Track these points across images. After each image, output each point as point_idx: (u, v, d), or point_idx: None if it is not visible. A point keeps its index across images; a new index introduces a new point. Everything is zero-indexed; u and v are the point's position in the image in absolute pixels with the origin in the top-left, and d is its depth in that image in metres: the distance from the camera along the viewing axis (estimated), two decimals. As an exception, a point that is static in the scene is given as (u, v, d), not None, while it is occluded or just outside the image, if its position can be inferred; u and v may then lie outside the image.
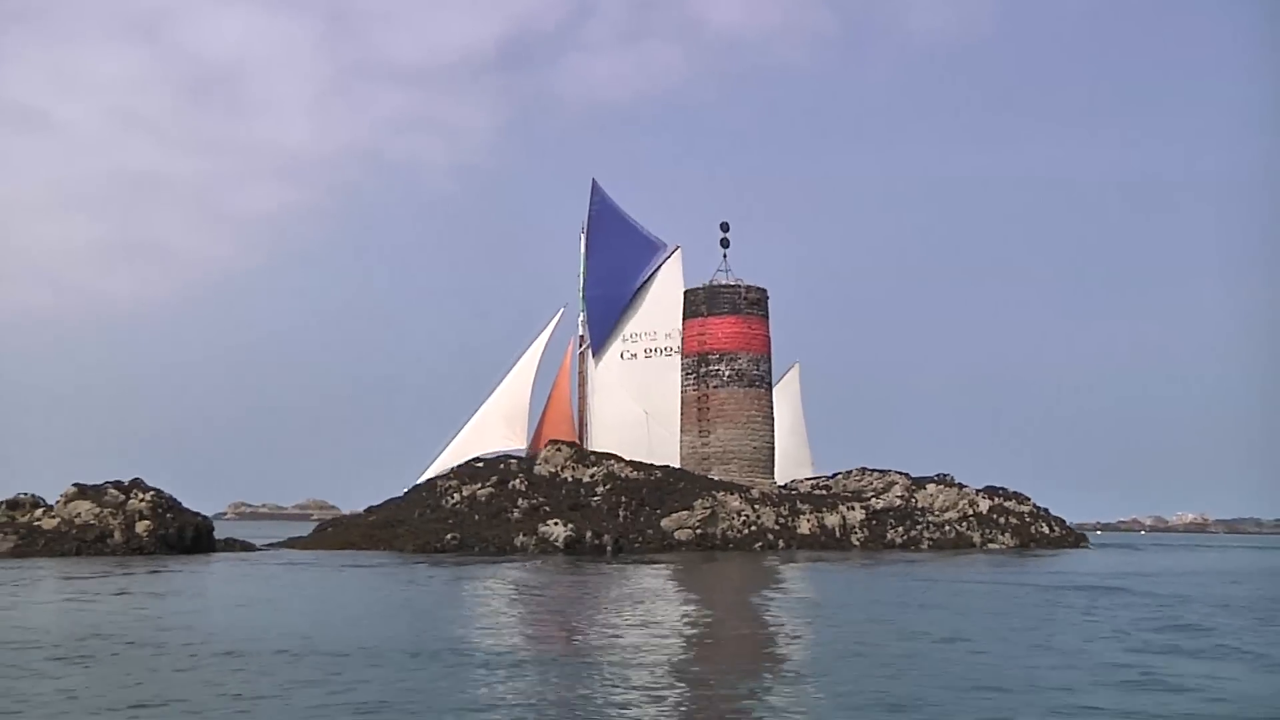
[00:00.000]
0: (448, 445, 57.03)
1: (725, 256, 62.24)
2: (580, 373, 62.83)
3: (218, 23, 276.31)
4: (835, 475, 62.85)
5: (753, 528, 53.97)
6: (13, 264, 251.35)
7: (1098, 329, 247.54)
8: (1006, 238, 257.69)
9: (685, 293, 61.97)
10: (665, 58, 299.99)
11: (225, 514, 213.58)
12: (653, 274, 63.28)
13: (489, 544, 44.96)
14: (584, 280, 62.91)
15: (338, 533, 48.07)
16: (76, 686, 11.51)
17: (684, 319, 61.63)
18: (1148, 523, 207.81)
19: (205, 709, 10.33)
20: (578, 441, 58.79)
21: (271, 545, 45.70)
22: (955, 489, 62.12)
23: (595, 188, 62.75)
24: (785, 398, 74.52)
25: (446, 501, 50.13)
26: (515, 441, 57.74)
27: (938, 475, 63.71)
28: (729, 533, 53.04)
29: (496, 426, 57.59)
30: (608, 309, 62.66)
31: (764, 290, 61.39)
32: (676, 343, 61.62)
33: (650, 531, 51.14)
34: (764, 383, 60.44)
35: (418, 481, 54.42)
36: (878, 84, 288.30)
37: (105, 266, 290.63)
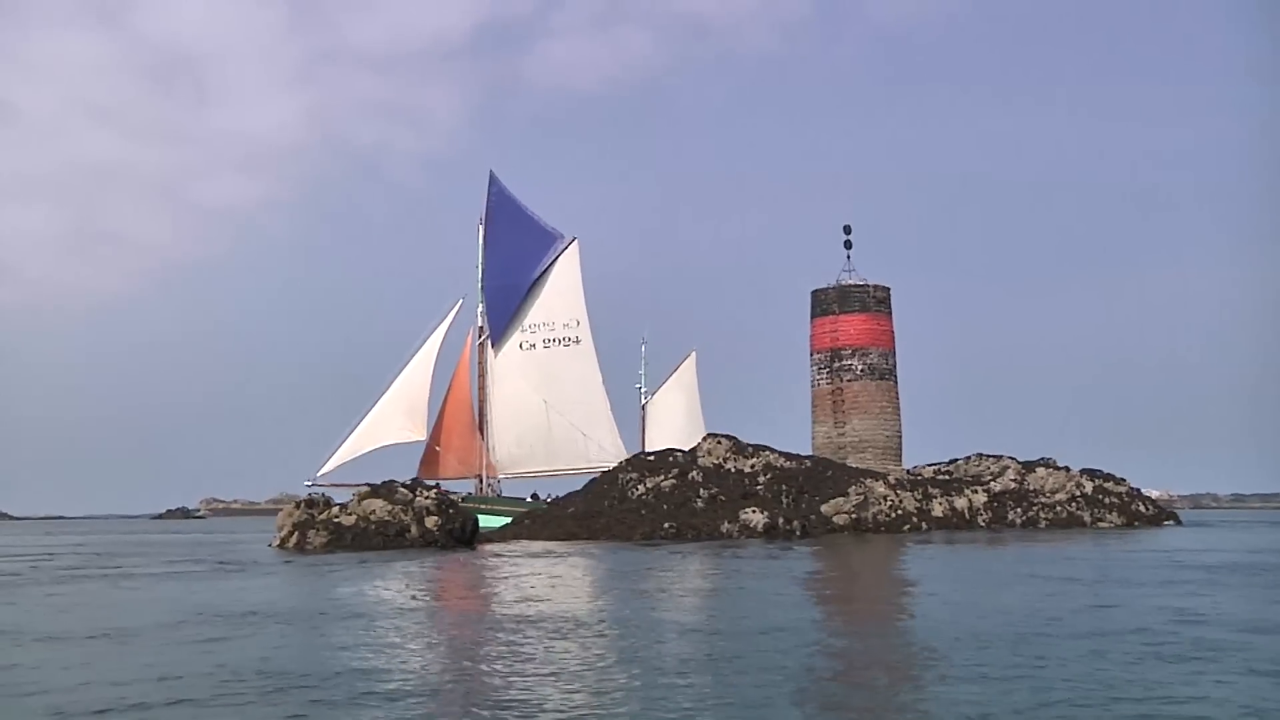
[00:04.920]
0: (347, 437, 56.31)
1: (849, 257, 66.47)
2: (480, 363, 62.04)
3: (180, 8, 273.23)
4: (955, 460, 67.10)
5: (898, 512, 58.14)
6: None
7: (1066, 313, 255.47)
8: (987, 232, 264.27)
9: (814, 292, 65.92)
10: (637, 43, 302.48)
11: (198, 510, 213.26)
12: (550, 264, 62.81)
13: (699, 531, 48.63)
14: (482, 271, 62.30)
15: (548, 524, 51.14)
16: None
17: (812, 317, 65.53)
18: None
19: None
20: (478, 432, 60.03)
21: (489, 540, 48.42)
22: (1063, 472, 66.70)
23: (492, 179, 62.66)
24: (681, 386, 76.63)
25: (631, 493, 53.63)
26: (415, 433, 57.41)
27: (1041, 459, 68.31)
28: (879, 516, 57.13)
29: (396, 418, 57.05)
30: (506, 299, 62.08)
31: (888, 289, 65.55)
32: (575, 333, 61.91)
33: (813, 517, 55.03)
34: (892, 375, 64.62)
35: (320, 473, 54.28)
36: (850, 68, 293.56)
37: (65, 257, 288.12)
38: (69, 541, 65.11)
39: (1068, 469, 67.31)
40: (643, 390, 77.97)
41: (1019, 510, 62.90)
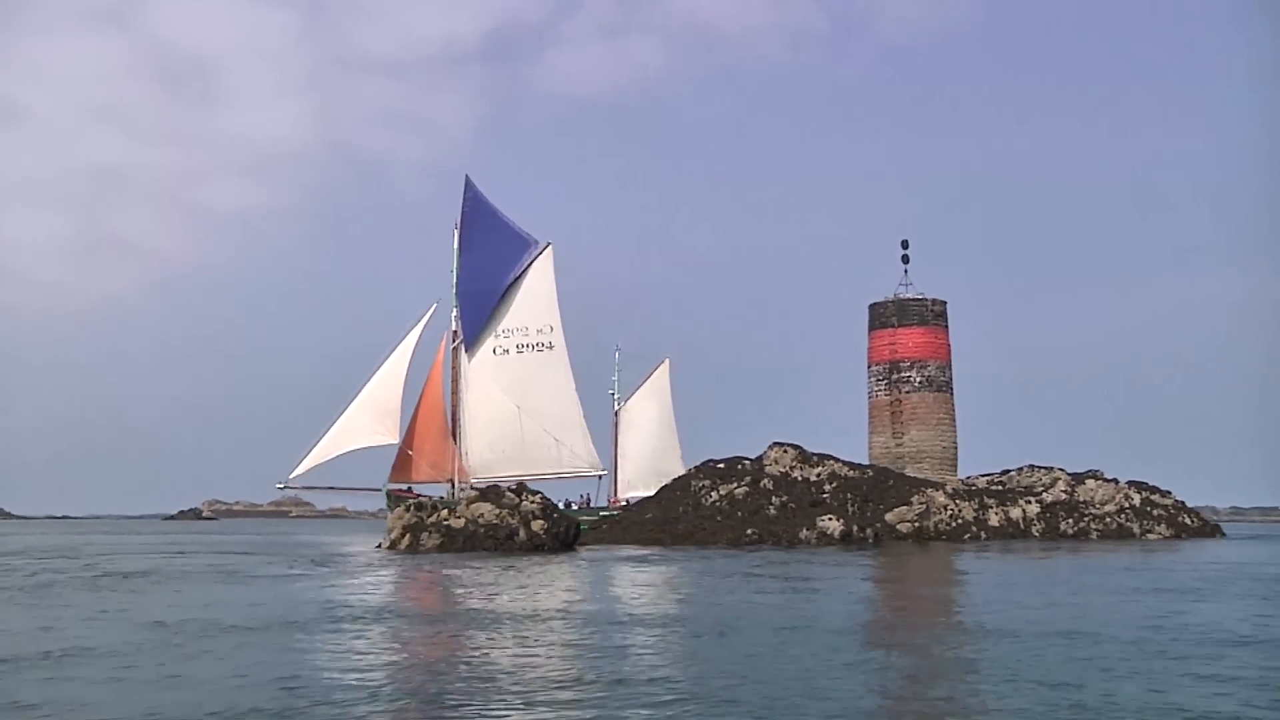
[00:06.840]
0: (320, 440, 56.72)
1: (906, 271, 67.99)
2: (453, 368, 62.00)
3: (192, 13, 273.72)
4: (1007, 471, 68.46)
5: (958, 521, 59.42)
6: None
7: (1066, 325, 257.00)
8: (985, 235, 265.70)
9: (871, 306, 67.37)
10: (646, 53, 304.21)
11: (203, 511, 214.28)
12: (524, 270, 62.76)
13: (779, 538, 49.86)
14: (456, 275, 62.25)
15: (629, 529, 52.43)
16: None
17: (870, 330, 66.95)
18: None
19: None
20: (451, 436, 60.31)
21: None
22: (1111, 484, 68.02)
23: (468, 184, 62.79)
24: (654, 393, 75.87)
25: (705, 500, 54.83)
26: (388, 437, 57.78)
27: (1090, 471, 69.63)
28: (940, 525, 58.42)
29: (368, 422, 57.43)
30: (480, 304, 62.04)
31: (945, 302, 67.01)
32: (548, 338, 62.01)
33: (878, 525, 56.26)
34: (948, 387, 66.04)
35: (292, 476, 55.68)
36: (861, 79, 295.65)
37: (72, 260, 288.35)
38: (137, 542, 65.78)
39: (1116, 481, 68.64)
40: (616, 396, 77.03)
41: (1070, 521, 64.19)
